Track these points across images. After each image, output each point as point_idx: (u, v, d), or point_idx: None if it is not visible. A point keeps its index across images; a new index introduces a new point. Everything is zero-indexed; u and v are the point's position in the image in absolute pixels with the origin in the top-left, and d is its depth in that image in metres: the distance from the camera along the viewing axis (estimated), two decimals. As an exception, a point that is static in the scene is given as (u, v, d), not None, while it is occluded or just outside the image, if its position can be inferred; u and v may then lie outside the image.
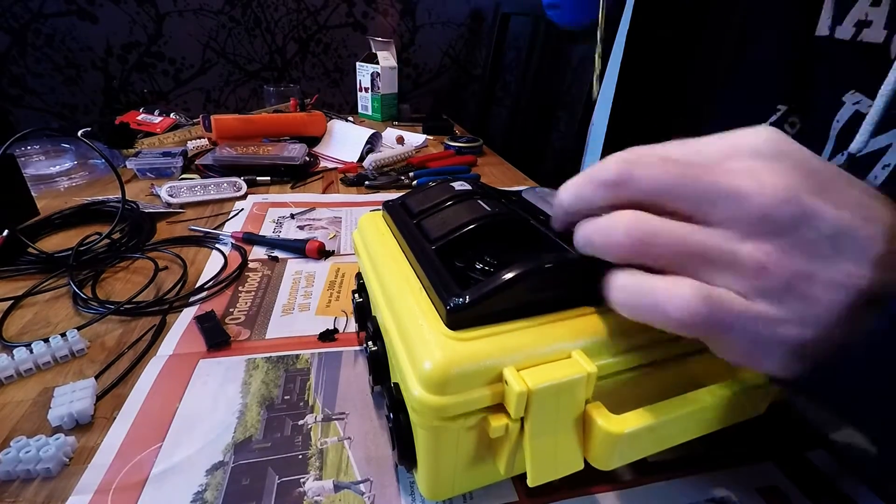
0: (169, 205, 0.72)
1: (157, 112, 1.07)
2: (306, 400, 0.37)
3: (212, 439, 0.34)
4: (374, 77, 1.33)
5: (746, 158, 0.20)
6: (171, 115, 1.07)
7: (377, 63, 1.31)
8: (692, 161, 0.20)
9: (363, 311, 0.38)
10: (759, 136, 0.20)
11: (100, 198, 0.70)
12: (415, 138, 1.10)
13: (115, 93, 1.42)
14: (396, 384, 0.28)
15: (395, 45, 1.37)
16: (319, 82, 1.61)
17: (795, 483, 0.31)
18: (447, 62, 1.72)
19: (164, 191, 0.73)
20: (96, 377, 0.38)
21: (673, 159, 0.21)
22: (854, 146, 0.31)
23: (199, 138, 0.99)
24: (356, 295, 0.39)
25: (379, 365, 0.31)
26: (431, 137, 1.17)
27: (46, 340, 0.41)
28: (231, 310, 0.48)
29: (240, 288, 0.52)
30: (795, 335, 0.20)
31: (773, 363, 0.21)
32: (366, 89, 1.36)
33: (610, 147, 0.55)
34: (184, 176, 0.83)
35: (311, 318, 0.47)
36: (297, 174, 0.86)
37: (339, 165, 0.94)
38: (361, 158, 0.96)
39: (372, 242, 0.34)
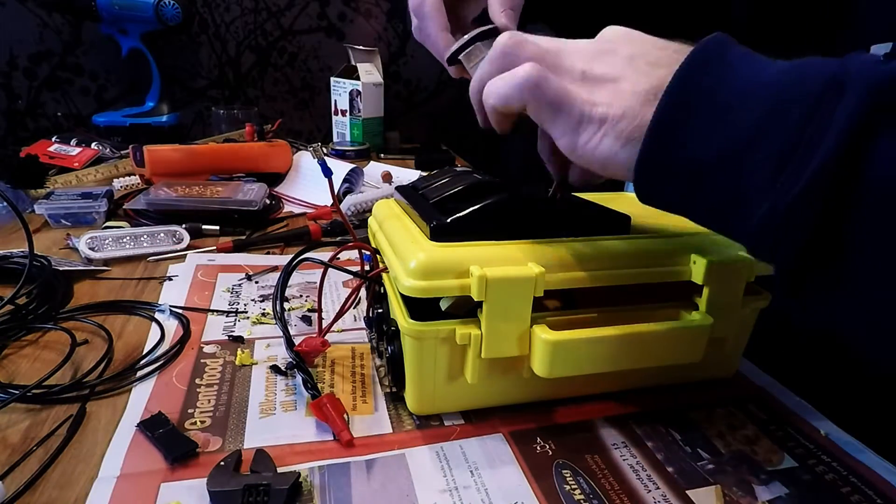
0: (90, 260, 0.76)
1: (74, 141, 1.13)
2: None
3: None
4: (354, 96, 1.38)
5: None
6: (93, 145, 1.12)
7: (358, 79, 1.37)
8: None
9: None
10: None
11: (0, 252, 0.74)
12: (406, 175, 1.14)
13: (19, 116, 1.49)
14: (394, 320, 0.46)
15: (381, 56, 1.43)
16: (283, 103, 1.68)
17: None
18: (447, 76, 1.79)
19: (83, 243, 0.77)
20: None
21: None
22: None
23: (129, 175, 1.05)
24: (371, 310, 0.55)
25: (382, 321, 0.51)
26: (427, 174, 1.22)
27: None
28: (190, 411, 0.49)
29: (197, 381, 0.53)
30: (603, 112, 0.36)
31: (606, 147, 0.36)
32: (343, 112, 1.41)
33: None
34: (108, 224, 0.87)
35: (300, 420, 0.48)
36: (255, 222, 0.91)
37: (309, 210, 0.99)
38: (339, 201, 1.00)
39: (384, 220, 0.53)
